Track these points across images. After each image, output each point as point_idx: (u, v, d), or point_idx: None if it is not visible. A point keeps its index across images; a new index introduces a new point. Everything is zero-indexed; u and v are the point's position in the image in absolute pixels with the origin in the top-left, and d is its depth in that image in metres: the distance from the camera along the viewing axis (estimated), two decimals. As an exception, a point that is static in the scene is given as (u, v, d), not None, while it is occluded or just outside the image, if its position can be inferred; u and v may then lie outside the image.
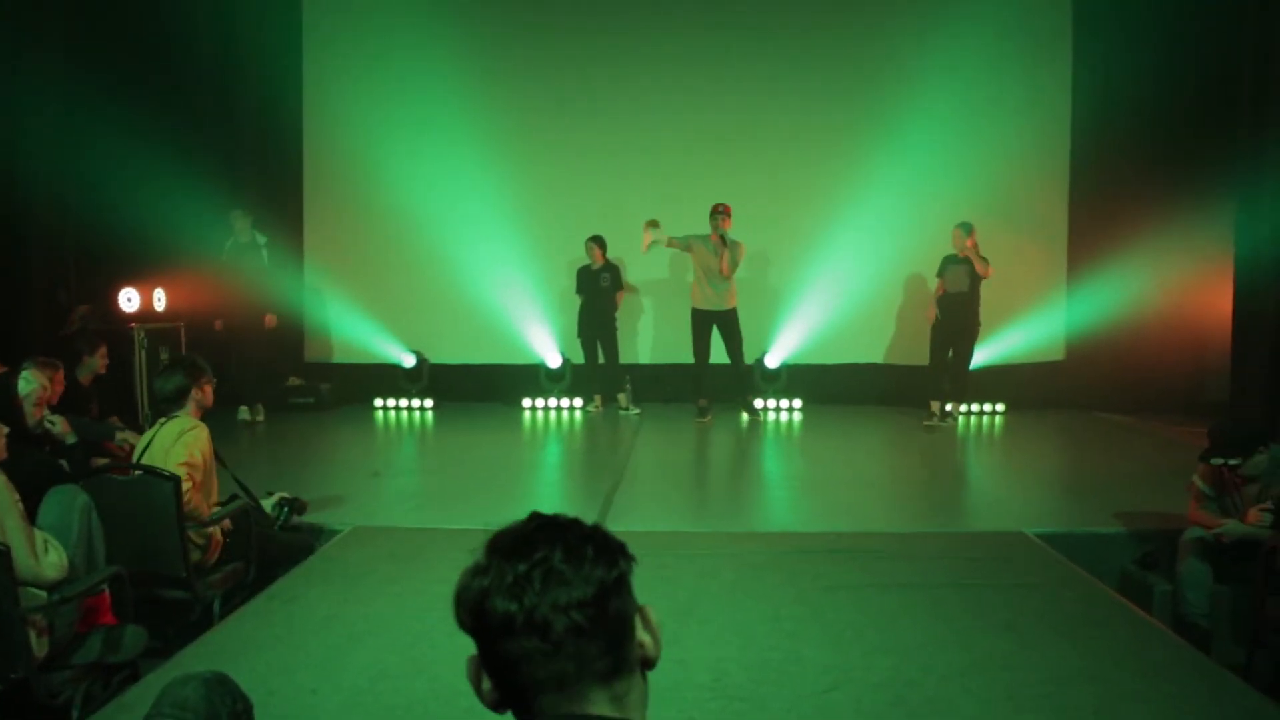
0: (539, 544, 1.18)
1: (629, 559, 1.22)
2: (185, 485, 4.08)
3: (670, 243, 8.78)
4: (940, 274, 8.82)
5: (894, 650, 3.53)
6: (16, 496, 3.12)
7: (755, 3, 10.13)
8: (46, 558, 3.12)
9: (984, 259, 8.49)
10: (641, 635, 1.22)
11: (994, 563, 4.60)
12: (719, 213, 8.62)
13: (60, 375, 5.55)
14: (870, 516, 5.64)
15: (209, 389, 4.53)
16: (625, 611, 1.19)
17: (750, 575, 4.38)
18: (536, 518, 1.24)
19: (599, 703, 1.17)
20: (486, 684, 1.21)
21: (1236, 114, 8.27)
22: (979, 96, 9.76)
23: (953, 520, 5.82)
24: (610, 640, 1.17)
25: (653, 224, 8.62)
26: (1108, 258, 9.45)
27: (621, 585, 1.19)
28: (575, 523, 1.23)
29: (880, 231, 9.81)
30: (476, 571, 1.18)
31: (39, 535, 3.17)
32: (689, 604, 3.90)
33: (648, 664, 1.23)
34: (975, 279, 8.56)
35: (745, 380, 9.27)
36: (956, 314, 8.68)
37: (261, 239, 8.96)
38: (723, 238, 8.63)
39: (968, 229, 8.54)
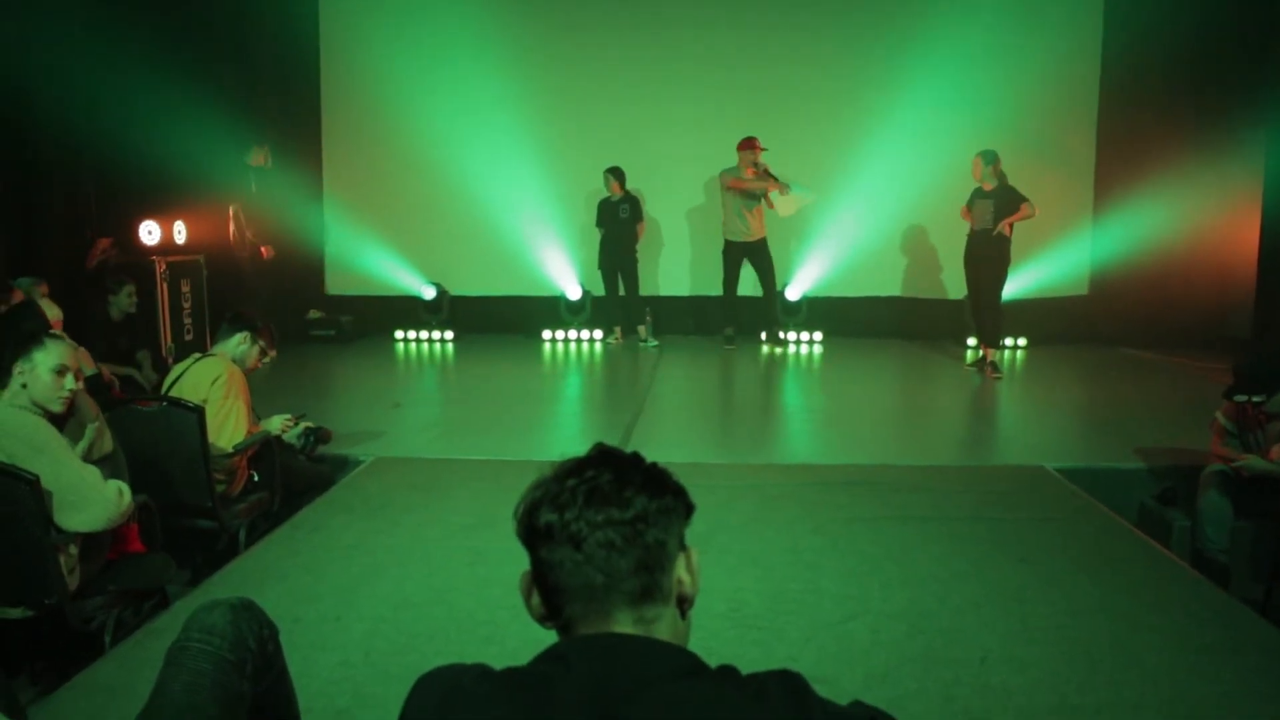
0: (592, 466, 1.26)
1: (683, 502, 1.30)
2: (234, 415, 4.17)
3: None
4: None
5: (911, 582, 3.55)
6: (70, 454, 3.07)
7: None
8: (97, 502, 3.07)
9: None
10: (681, 573, 1.26)
11: (1012, 496, 4.61)
12: (749, 148, 8.77)
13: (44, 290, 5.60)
14: (890, 449, 5.65)
15: (254, 351, 4.54)
16: (664, 542, 1.24)
17: (769, 506, 4.40)
18: (600, 447, 1.32)
19: (623, 622, 1.22)
20: (535, 599, 1.27)
21: (1269, 46, 8.04)
22: (1008, 27, 9.52)
23: (972, 454, 5.82)
24: (642, 563, 1.21)
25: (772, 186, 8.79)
26: (1134, 192, 9.31)
27: (664, 517, 1.25)
28: (634, 456, 1.31)
29: (903, 163, 9.67)
30: (535, 485, 1.27)
31: (91, 471, 3.13)
32: (708, 534, 3.92)
33: (684, 600, 1.27)
34: (1000, 215, 7.70)
35: (775, 310, 9.42)
36: (973, 250, 8.04)
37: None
38: (755, 166, 8.77)
39: (990, 158, 7.77)
